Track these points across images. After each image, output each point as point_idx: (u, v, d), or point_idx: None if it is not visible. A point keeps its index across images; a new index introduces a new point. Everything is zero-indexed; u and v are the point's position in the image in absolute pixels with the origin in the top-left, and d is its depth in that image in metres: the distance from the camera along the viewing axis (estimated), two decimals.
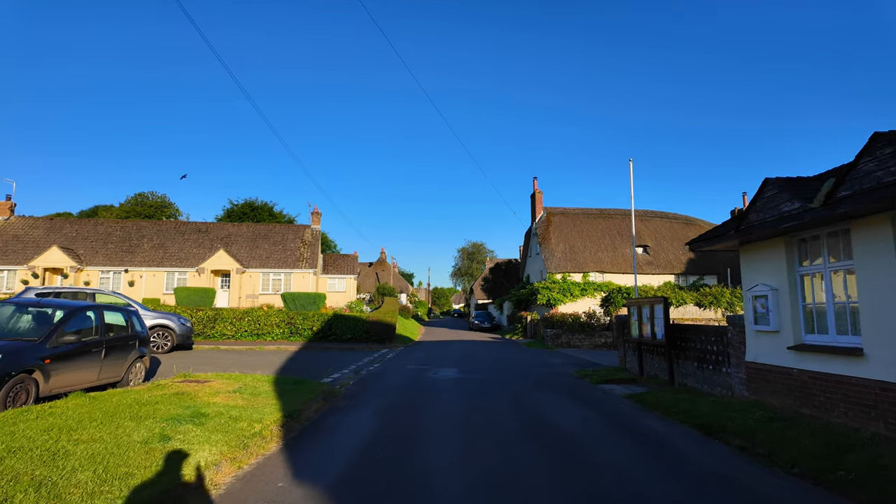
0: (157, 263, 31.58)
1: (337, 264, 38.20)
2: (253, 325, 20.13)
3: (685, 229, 35.77)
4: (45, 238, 31.60)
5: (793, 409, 7.22)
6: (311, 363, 14.44)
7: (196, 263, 31.46)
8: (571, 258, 32.45)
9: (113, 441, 5.43)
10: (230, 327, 19.84)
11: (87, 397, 7.36)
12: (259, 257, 32.69)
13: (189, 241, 33.40)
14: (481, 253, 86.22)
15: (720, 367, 9.31)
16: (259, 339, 20.09)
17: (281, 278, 32.08)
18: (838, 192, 5.82)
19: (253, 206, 54.00)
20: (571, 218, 35.18)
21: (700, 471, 5.26)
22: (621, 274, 32.19)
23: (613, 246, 33.64)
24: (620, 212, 36.68)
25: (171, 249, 32.63)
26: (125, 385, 8.99)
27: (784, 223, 6.51)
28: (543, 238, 33.69)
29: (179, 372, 10.72)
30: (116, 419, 6.38)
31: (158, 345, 14.84)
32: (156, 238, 33.33)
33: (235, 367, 12.36)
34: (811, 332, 7.13)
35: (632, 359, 13.27)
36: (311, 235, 35.00)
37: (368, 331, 22.20)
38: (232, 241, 33.72)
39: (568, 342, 24.14)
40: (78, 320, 8.02)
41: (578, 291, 31.19)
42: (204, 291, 25.32)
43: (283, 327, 20.40)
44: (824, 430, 6.07)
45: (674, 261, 33.23)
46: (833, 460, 5.20)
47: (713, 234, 8.85)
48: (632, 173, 17.31)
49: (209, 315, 19.81)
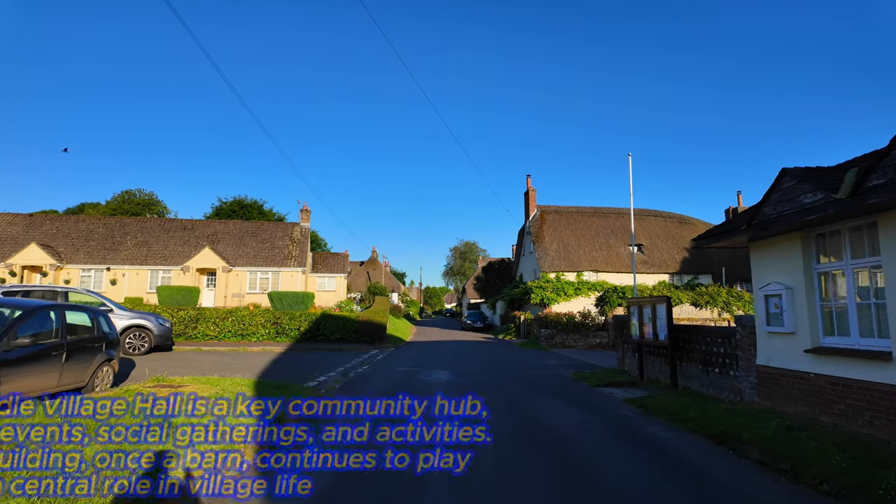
0: (140, 261, 30.68)
1: (327, 263, 37.45)
2: (237, 325, 19.38)
3: (680, 228, 35.47)
4: (24, 235, 30.57)
5: (809, 417, 6.72)
6: (297, 365, 13.79)
7: (181, 262, 30.61)
8: (565, 257, 32.00)
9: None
10: (213, 328, 19.08)
11: (39, 406, 6.69)
12: (246, 255, 31.88)
13: (174, 239, 32.51)
14: (474, 252, 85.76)
15: (727, 370, 8.81)
16: (244, 339, 19.35)
17: (269, 277, 31.30)
18: (868, 182, 5.31)
19: (242, 203, 53.03)
20: (565, 216, 34.73)
21: (721, 494, 4.72)
22: (616, 273, 31.80)
23: (608, 245, 33.24)
24: (615, 210, 36.31)
25: (155, 247, 31.74)
26: (90, 391, 8.30)
27: (805, 216, 6.00)
28: (537, 237, 33.21)
29: (153, 376, 10.04)
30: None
31: (135, 346, 14.09)
32: (139, 235, 32.41)
33: (215, 371, 11.68)
34: (830, 333, 6.63)
35: (631, 360, 12.76)
36: (300, 233, 34.24)
37: (358, 331, 21.56)
38: (218, 239, 32.88)
39: (562, 342, 23.66)
40: (36, 321, 7.33)
41: (572, 291, 30.75)
42: (188, 290, 24.52)
43: (268, 327, 19.67)
44: (851, 441, 5.56)
45: (668, 260, 32.89)
46: (866, 477, 4.69)
47: (722, 230, 8.34)
48: (630, 169, 16.85)
49: (191, 315, 19.02)
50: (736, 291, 25.89)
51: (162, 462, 4.46)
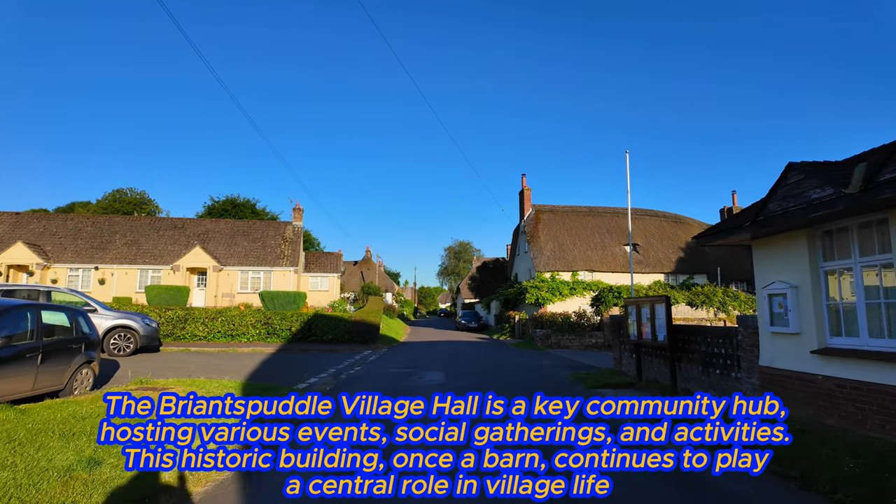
0: (129, 261, 30.17)
1: (320, 262, 37.05)
2: (227, 325, 18.98)
3: (675, 228, 35.39)
4: (10, 234, 29.98)
5: (816, 420, 6.50)
6: (287, 366, 13.46)
7: (171, 261, 30.13)
8: (560, 257, 31.82)
9: (26, 468, 4.47)
10: (202, 328, 18.66)
11: (15, 411, 6.35)
12: (237, 255, 31.44)
13: (164, 238, 32.01)
14: (468, 252, 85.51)
15: (729, 371, 8.59)
16: (233, 340, 18.95)
17: (260, 276, 30.88)
18: (880, 176, 5.08)
19: (235, 202, 52.46)
20: (560, 216, 34.55)
21: (725, 500, 4.47)
22: (611, 273, 31.66)
23: (603, 244, 33.09)
24: (610, 210, 36.18)
25: (144, 246, 31.24)
26: (68, 394, 7.96)
27: (814, 212, 5.77)
28: (532, 236, 33.00)
29: (136, 378, 9.70)
30: (42, 438, 5.42)
31: (120, 347, 13.70)
32: (129, 234, 31.89)
33: (202, 372, 11.34)
34: (837, 334, 6.41)
35: (628, 361, 12.54)
36: (292, 232, 33.84)
37: (351, 331, 21.24)
38: (209, 238, 32.42)
39: (558, 342, 23.44)
40: (8, 321, 6.97)
41: (567, 291, 30.57)
42: (177, 290, 24.07)
43: (259, 328, 19.29)
44: (863, 446, 5.34)
45: (663, 259, 32.80)
46: (880, 485, 4.46)
47: (724, 227, 8.11)
48: (628, 166, 16.65)
49: (179, 315, 18.59)
50: (732, 291, 25.78)
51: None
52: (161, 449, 4.32)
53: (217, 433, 4.82)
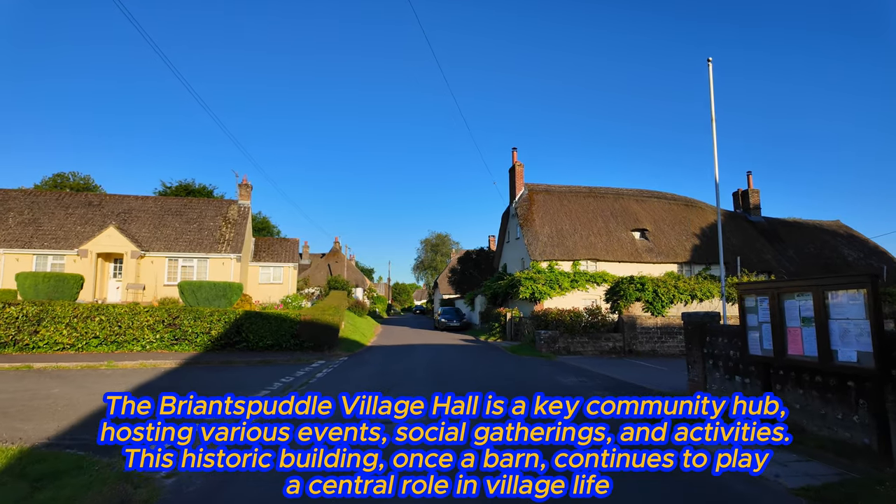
0: (23, 244, 23.79)
1: (273, 250, 31.16)
2: (110, 328, 13.17)
3: (686, 212, 30.93)
4: None
5: None
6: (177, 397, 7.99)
7: (79, 244, 23.91)
8: (559, 243, 26.90)
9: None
10: (67, 332, 12.79)
11: None
12: (165, 238, 25.38)
13: (73, 217, 25.67)
14: (446, 245, 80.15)
15: None
16: (120, 349, 13.21)
17: (193, 265, 24.92)
18: None
19: (189, 188, 45.81)
20: (557, 196, 29.64)
21: None
22: (617, 262, 26.93)
23: (607, 229, 28.33)
24: (613, 191, 31.51)
25: (46, 226, 24.87)
26: None
27: None
28: (525, 219, 27.97)
29: None
30: None
31: None
32: (27, 212, 25.43)
33: (8, 411, 5.89)
34: None
35: (722, 385, 7.52)
36: (237, 213, 27.89)
37: (298, 334, 15.77)
38: (132, 218, 26.24)
39: (567, 347, 18.45)
40: None
41: (568, 283, 25.69)
42: (62, 279, 17.97)
43: (160, 331, 13.56)
44: None
45: (676, 247, 28.24)
46: None
47: None
48: (711, 77, 11.56)
49: (29, 313, 12.74)
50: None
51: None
52: (161, 449, 4.34)
53: (217, 433, 4.66)
